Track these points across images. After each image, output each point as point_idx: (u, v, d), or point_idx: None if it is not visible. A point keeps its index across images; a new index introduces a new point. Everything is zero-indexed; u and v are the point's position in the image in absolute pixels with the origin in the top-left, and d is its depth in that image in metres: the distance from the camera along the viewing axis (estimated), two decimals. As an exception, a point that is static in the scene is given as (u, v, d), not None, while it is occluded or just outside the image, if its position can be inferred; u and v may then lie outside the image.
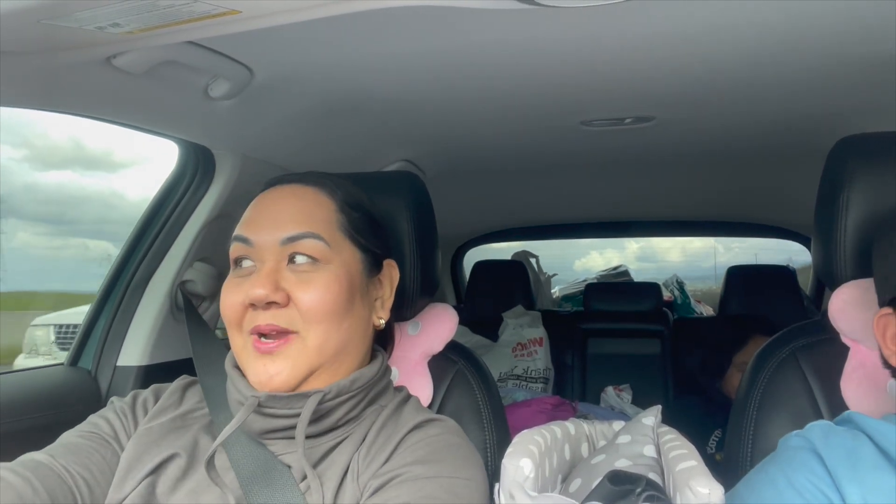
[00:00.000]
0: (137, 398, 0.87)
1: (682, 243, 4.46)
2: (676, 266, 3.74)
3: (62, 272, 1.97)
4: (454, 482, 0.72)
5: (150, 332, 1.38)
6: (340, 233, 0.83)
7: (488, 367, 1.09)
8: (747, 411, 0.98)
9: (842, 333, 0.95)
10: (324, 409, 0.78)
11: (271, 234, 0.80)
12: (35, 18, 0.77)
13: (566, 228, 3.19)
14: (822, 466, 0.71)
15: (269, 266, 0.78)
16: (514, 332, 2.70)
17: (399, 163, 1.87)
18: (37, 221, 2.30)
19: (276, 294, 0.76)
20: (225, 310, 0.80)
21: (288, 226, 0.80)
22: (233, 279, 0.81)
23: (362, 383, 0.81)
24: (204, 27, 0.84)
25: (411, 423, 0.79)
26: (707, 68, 1.20)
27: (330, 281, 0.79)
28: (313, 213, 0.82)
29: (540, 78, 1.26)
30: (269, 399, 0.76)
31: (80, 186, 2.64)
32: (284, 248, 0.79)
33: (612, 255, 3.32)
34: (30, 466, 0.74)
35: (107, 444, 0.80)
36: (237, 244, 0.82)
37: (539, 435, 0.93)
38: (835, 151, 0.98)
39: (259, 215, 0.83)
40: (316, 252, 0.80)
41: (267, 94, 1.26)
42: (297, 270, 0.79)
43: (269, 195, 0.86)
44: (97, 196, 2.78)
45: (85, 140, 2.17)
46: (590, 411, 2.20)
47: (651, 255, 4.45)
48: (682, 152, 1.88)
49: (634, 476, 0.78)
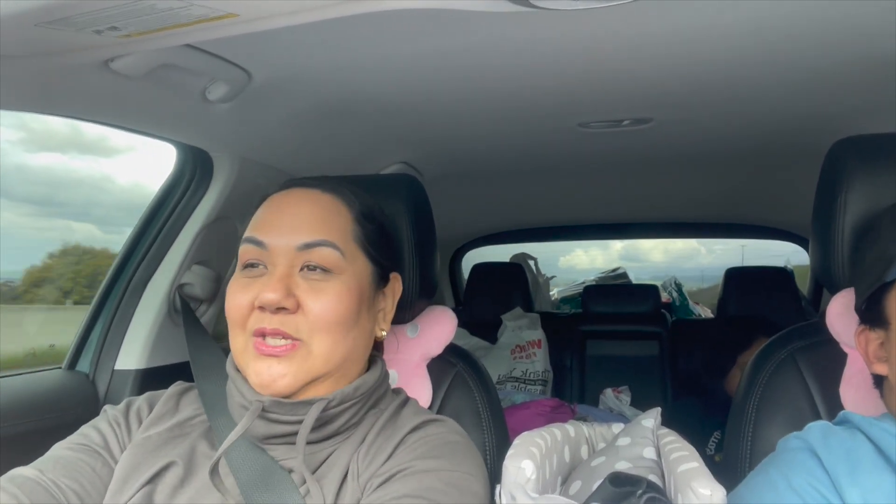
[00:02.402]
0: (131, 407, 0.86)
1: (665, 244, 4.55)
2: (659, 265, 3.83)
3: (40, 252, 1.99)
4: (454, 475, 0.73)
5: (148, 336, 1.38)
6: (355, 243, 0.83)
7: (487, 369, 1.09)
8: (746, 413, 0.98)
9: (840, 340, 0.95)
10: (326, 417, 0.78)
11: (287, 238, 0.79)
12: (33, 21, 0.77)
13: (565, 230, 3.20)
14: (821, 468, 0.71)
15: (282, 270, 0.78)
16: (512, 334, 2.70)
17: (397, 165, 1.87)
18: (23, 202, 2.29)
19: (288, 300, 0.76)
20: (231, 309, 0.79)
21: (304, 232, 0.79)
22: (241, 279, 0.80)
23: (364, 390, 0.81)
24: (201, 30, 0.84)
25: (411, 424, 0.79)
26: (705, 69, 1.20)
27: (342, 292, 0.79)
28: (330, 221, 0.81)
29: (537, 80, 1.26)
30: (273, 404, 0.76)
31: (73, 169, 2.64)
32: (299, 255, 0.79)
33: (596, 253, 3.40)
34: (17, 482, 0.73)
35: (97, 455, 0.79)
36: (250, 246, 0.80)
37: (540, 437, 0.93)
38: (832, 152, 0.98)
39: (274, 218, 0.82)
40: (330, 261, 0.79)
41: (264, 97, 1.26)
42: (309, 278, 0.78)
43: (284, 198, 0.84)
44: (89, 179, 2.78)
45: (82, 125, 2.21)
46: (588, 413, 2.20)
47: (635, 254, 4.54)
48: (680, 154, 1.88)
49: (635, 478, 0.78)
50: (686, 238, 3.41)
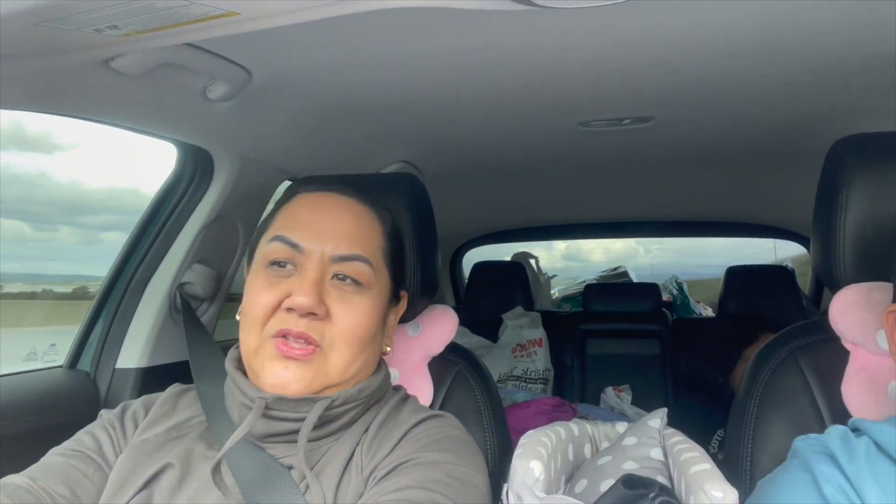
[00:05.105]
0: (126, 410, 0.86)
1: (605, 244, 4.62)
2: (599, 266, 3.92)
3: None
4: (457, 469, 0.73)
5: (149, 335, 1.38)
6: (383, 260, 0.83)
7: (488, 368, 1.09)
8: (747, 411, 0.98)
9: (842, 337, 0.95)
10: (328, 416, 0.78)
11: (323, 245, 0.78)
12: (33, 21, 0.77)
13: (565, 229, 3.20)
14: (840, 472, 0.71)
15: (315, 276, 0.77)
16: (513, 333, 2.70)
17: (397, 164, 1.87)
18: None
19: (320, 307, 0.75)
20: (254, 308, 0.77)
21: (343, 243, 0.79)
22: (266, 276, 0.79)
23: (368, 393, 0.82)
24: (202, 29, 0.84)
25: (413, 419, 0.80)
26: (706, 68, 1.20)
27: (370, 308, 0.80)
28: (367, 236, 0.82)
29: (538, 79, 1.26)
30: (277, 401, 0.75)
31: (10, 165, 2.61)
32: (334, 265, 0.78)
33: (540, 252, 3.45)
34: (8, 490, 0.73)
35: (90, 461, 0.79)
36: (281, 245, 0.79)
37: (545, 436, 0.93)
38: (833, 151, 0.97)
39: (311, 221, 0.81)
40: (363, 276, 0.79)
41: (265, 96, 1.26)
42: (340, 287, 0.78)
43: (321, 200, 0.83)
44: (25, 176, 2.74)
45: (25, 122, 2.19)
46: (589, 412, 2.19)
47: (576, 254, 4.60)
48: (681, 153, 1.88)
49: (648, 481, 0.78)
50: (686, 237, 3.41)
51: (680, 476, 0.85)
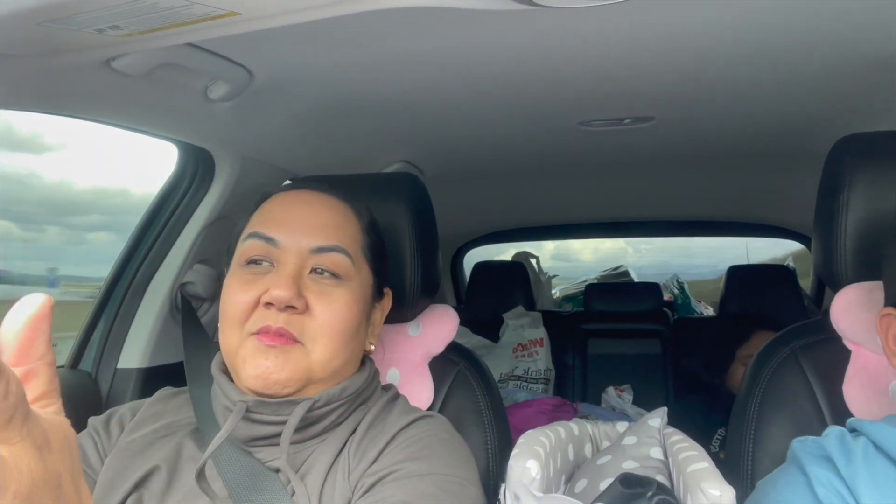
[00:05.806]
0: (113, 415, 0.86)
1: (594, 244, 4.63)
2: (589, 265, 3.92)
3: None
4: (446, 479, 0.72)
5: (151, 335, 1.38)
6: (362, 253, 0.83)
7: (489, 368, 1.09)
8: (748, 411, 0.98)
9: (844, 336, 0.95)
10: (311, 417, 0.77)
11: (299, 238, 0.78)
12: (34, 21, 0.77)
13: (566, 229, 3.20)
14: (836, 474, 0.71)
15: (293, 269, 0.76)
16: (514, 332, 2.70)
17: (398, 164, 1.87)
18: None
19: (299, 300, 0.75)
20: (231, 307, 0.77)
21: (319, 235, 0.79)
22: (242, 275, 0.78)
23: (351, 392, 0.80)
24: (203, 29, 0.84)
25: (401, 422, 0.79)
26: (706, 68, 1.20)
27: (350, 300, 0.79)
28: (344, 228, 0.81)
29: (538, 79, 1.26)
30: (258, 404, 0.75)
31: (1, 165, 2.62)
32: (311, 257, 0.78)
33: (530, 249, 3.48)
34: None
35: None
36: (257, 242, 0.79)
37: (544, 435, 0.93)
38: (834, 151, 0.98)
39: (286, 216, 0.80)
40: (341, 268, 0.79)
41: (266, 96, 1.26)
42: (319, 281, 0.78)
43: (296, 197, 0.83)
44: (14, 175, 2.75)
45: (16, 123, 2.17)
46: (591, 412, 2.19)
47: (566, 255, 4.62)
48: (681, 152, 1.88)
49: (646, 479, 0.78)
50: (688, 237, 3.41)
51: (678, 475, 0.85)
